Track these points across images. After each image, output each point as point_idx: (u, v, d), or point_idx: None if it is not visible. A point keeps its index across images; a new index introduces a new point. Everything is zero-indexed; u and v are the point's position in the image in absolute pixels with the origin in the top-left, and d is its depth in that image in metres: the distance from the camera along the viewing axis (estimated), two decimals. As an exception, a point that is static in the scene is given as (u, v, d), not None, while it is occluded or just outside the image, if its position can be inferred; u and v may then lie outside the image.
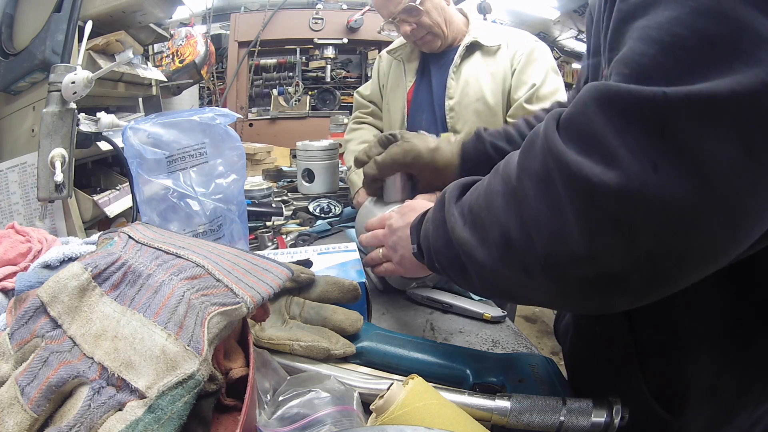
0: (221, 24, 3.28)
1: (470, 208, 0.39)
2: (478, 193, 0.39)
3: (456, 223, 0.40)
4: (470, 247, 0.37)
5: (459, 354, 0.49)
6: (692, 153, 0.24)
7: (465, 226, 0.39)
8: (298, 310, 0.51)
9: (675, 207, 0.25)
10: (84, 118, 0.77)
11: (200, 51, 2.50)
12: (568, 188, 0.28)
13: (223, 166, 0.66)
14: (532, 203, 0.31)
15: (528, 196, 0.31)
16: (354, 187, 1.08)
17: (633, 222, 0.26)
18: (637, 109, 0.25)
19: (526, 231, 0.31)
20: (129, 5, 0.99)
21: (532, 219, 0.31)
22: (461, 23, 1.11)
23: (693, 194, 0.24)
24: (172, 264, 0.34)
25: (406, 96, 1.16)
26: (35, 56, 0.79)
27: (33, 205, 0.82)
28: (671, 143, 0.24)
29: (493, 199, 0.35)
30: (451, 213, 0.41)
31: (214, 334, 0.31)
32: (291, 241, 0.96)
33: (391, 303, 0.72)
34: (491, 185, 0.37)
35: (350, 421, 0.38)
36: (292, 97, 3.25)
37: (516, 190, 0.32)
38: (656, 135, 0.25)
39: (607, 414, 0.39)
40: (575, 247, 0.28)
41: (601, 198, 0.26)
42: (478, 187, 0.40)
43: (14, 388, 0.27)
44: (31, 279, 0.46)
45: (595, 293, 0.30)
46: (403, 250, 0.56)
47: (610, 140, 0.26)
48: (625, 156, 0.25)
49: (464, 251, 0.38)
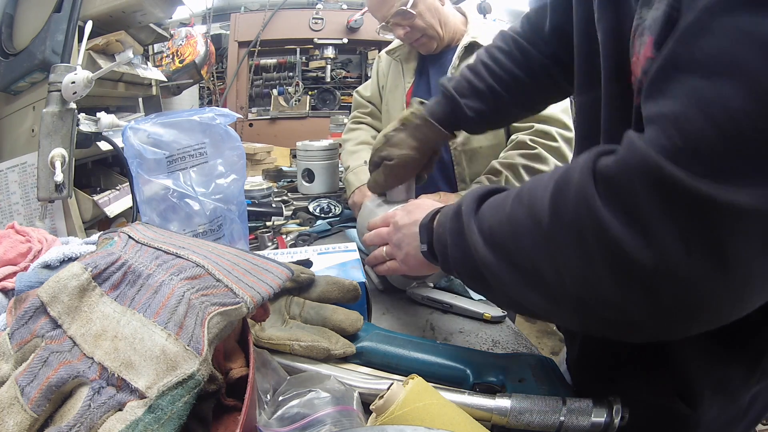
0: (221, 24, 3.28)
1: (492, 230, 0.39)
2: (500, 218, 0.39)
3: (477, 242, 0.40)
4: (496, 268, 0.38)
5: (459, 354, 0.49)
6: (723, 248, 0.26)
7: (487, 247, 0.39)
8: (298, 310, 0.51)
9: (699, 286, 0.28)
10: (84, 118, 0.77)
11: (200, 51, 2.50)
12: (604, 251, 0.30)
13: (223, 166, 0.66)
14: (564, 250, 0.33)
15: (560, 243, 0.33)
16: (350, 187, 1.07)
17: (660, 290, 0.29)
18: (685, 201, 0.27)
19: (559, 272, 0.33)
20: (129, 5, 0.98)
21: (564, 264, 0.33)
22: (459, 23, 1.10)
23: (716, 280, 0.27)
24: (172, 264, 0.34)
25: (404, 97, 1.16)
26: (35, 56, 0.79)
27: (33, 205, 0.82)
28: (708, 236, 0.27)
29: (521, 232, 0.36)
30: (471, 230, 0.41)
31: (214, 334, 0.31)
32: (291, 241, 0.96)
33: (391, 303, 0.72)
34: (515, 215, 0.37)
35: (350, 421, 0.38)
36: (292, 97, 3.25)
37: (547, 235, 0.34)
38: (696, 226, 0.27)
39: (607, 414, 0.39)
40: (606, 296, 0.31)
41: (637, 270, 0.29)
42: (498, 207, 0.40)
43: (14, 388, 0.27)
44: (31, 279, 0.46)
45: (616, 330, 0.34)
46: (409, 248, 0.55)
47: (652, 221, 0.28)
48: (665, 239, 0.27)
49: (488, 270, 0.39)
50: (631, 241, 0.28)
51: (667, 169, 0.26)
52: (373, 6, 1.06)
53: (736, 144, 0.25)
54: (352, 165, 1.09)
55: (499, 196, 0.41)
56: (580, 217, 0.31)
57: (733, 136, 0.25)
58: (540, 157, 0.92)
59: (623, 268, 0.29)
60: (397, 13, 1.01)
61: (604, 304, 0.32)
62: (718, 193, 0.25)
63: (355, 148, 1.15)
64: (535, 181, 0.37)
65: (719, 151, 0.26)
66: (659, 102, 0.28)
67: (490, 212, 0.40)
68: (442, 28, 1.05)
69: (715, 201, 0.25)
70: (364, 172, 1.04)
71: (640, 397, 0.43)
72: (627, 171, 0.29)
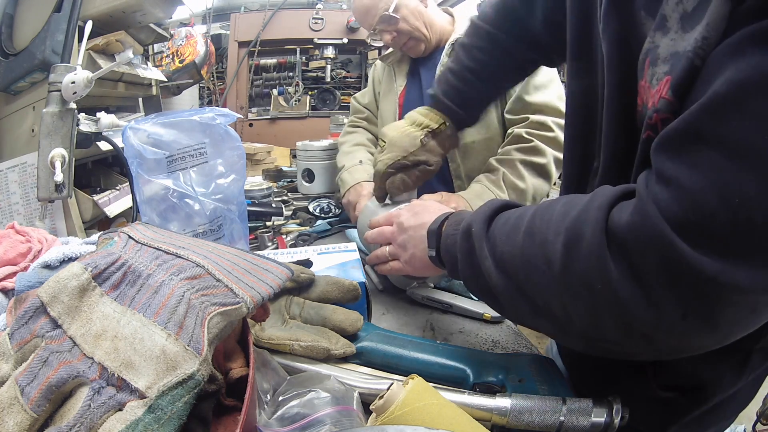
0: (221, 24, 3.28)
1: (503, 258, 0.41)
2: (512, 249, 0.40)
3: (490, 268, 0.42)
4: (508, 295, 0.41)
5: (459, 354, 0.49)
6: (716, 315, 0.30)
7: (499, 273, 0.41)
8: (298, 310, 0.51)
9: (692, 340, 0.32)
10: (84, 118, 0.77)
11: (200, 51, 2.49)
12: (611, 306, 0.33)
13: (223, 166, 0.66)
14: (573, 297, 0.35)
15: (570, 290, 0.35)
16: (345, 185, 1.07)
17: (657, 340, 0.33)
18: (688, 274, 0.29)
19: (567, 311, 0.36)
20: (129, 5, 0.98)
21: (573, 307, 0.36)
22: (446, 23, 1.10)
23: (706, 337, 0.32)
24: (172, 264, 0.34)
25: (397, 100, 1.17)
26: (35, 56, 0.79)
27: (33, 205, 0.82)
28: (704, 305, 0.29)
29: (532, 269, 0.38)
30: (484, 255, 0.43)
31: (214, 334, 0.31)
32: (291, 241, 0.96)
33: (391, 303, 0.72)
34: (528, 252, 0.38)
35: (350, 421, 0.38)
36: (292, 97, 3.25)
37: (558, 280, 0.36)
38: (695, 297, 0.29)
39: (607, 414, 0.39)
40: (610, 337, 0.35)
41: (638, 324, 0.32)
42: (510, 235, 0.41)
43: (14, 388, 0.27)
44: (31, 279, 0.46)
45: (618, 356, 0.39)
46: (415, 249, 0.56)
47: (657, 287, 0.30)
48: (667, 304, 0.30)
49: (500, 294, 0.42)
50: (636, 301, 0.31)
51: (677, 244, 0.28)
52: (359, 16, 1.08)
53: (744, 229, 0.27)
54: (347, 164, 1.09)
55: (510, 219, 0.42)
56: (590, 273, 0.33)
57: (743, 221, 0.27)
58: (537, 149, 0.92)
59: (627, 321, 0.33)
60: (382, 20, 1.02)
61: (608, 341, 0.36)
62: (720, 271, 0.27)
63: (351, 149, 1.16)
64: (544, 216, 0.38)
65: (727, 233, 0.27)
66: (678, 166, 0.29)
67: (502, 238, 0.42)
68: (428, 30, 1.05)
69: (716, 279, 0.28)
70: (358, 171, 1.05)
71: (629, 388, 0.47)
72: (639, 239, 0.31)
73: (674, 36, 0.33)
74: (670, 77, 0.32)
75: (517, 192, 0.90)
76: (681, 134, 0.30)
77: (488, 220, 0.44)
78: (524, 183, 0.90)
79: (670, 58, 0.33)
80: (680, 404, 0.48)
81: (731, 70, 0.27)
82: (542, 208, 0.40)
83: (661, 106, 0.32)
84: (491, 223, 0.44)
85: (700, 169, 0.28)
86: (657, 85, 0.33)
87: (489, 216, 0.44)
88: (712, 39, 0.29)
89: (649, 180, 0.32)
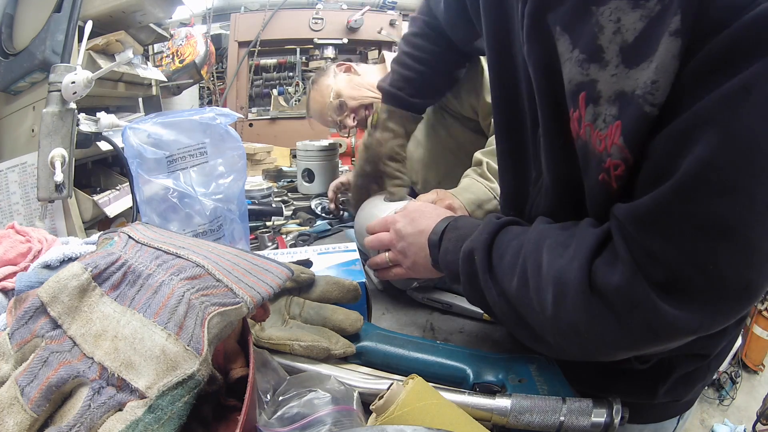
0: (221, 24, 3.28)
1: (503, 294, 0.44)
2: (510, 291, 0.43)
3: (492, 297, 0.45)
4: (509, 321, 0.45)
5: (459, 354, 0.49)
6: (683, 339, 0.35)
7: (502, 304, 0.45)
8: (298, 310, 0.51)
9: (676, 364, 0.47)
10: (84, 118, 0.77)
11: (200, 51, 2.49)
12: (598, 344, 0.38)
13: (223, 166, 0.66)
14: (565, 336, 0.39)
15: (561, 332, 0.39)
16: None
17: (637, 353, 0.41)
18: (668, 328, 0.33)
19: (560, 344, 0.41)
20: (129, 5, 0.98)
21: (563, 342, 0.40)
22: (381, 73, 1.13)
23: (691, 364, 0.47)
24: (172, 264, 0.34)
25: None
26: (35, 56, 0.79)
27: (33, 205, 0.82)
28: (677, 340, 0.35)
29: (528, 309, 0.42)
30: (488, 286, 0.45)
31: (214, 334, 0.31)
32: (291, 241, 0.96)
33: (391, 303, 0.72)
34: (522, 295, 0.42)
35: (350, 421, 0.38)
36: (292, 97, 3.25)
37: (551, 323, 0.39)
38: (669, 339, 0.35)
39: (607, 414, 0.39)
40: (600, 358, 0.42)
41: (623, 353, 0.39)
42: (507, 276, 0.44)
43: (14, 388, 0.27)
44: (31, 279, 0.46)
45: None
46: (416, 257, 0.56)
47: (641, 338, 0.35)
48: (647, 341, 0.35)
49: (502, 319, 0.47)
50: (620, 341, 0.36)
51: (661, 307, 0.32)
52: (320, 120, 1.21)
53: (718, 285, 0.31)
54: None
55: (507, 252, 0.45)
56: (577, 322, 0.37)
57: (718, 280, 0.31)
58: None
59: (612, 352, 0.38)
60: (333, 111, 1.11)
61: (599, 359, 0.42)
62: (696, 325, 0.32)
63: None
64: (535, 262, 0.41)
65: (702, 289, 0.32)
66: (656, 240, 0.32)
67: (502, 275, 0.44)
68: (373, 91, 1.09)
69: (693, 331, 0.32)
70: None
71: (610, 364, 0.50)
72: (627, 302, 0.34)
73: (615, 71, 0.31)
74: (620, 123, 0.32)
75: None
76: (655, 212, 0.32)
77: (489, 249, 0.46)
78: None
79: (616, 100, 0.32)
80: (664, 365, 0.50)
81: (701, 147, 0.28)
82: (531, 249, 0.42)
83: (614, 151, 0.33)
84: (491, 252, 0.46)
85: (677, 241, 0.31)
86: (606, 129, 0.33)
87: (488, 243, 0.46)
88: (661, 83, 0.29)
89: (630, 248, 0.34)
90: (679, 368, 0.50)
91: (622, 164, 0.33)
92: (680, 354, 0.49)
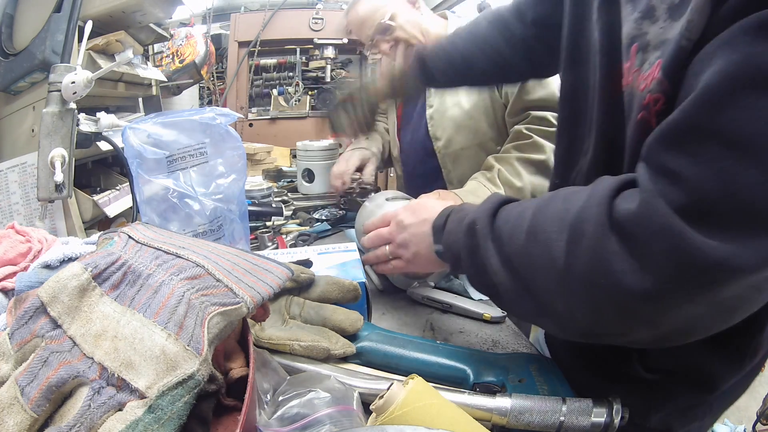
0: (221, 24, 3.27)
1: (509, 256, 0.41)
2: (516, 248, 0.41)
3: (495, 265, 0.42)
4: (512, 292, 0.42)
5: (459, 354, 0.49)
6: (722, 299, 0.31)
7: (504, 270, 0.42)
8: (298, 310, 0.51)
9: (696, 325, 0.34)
10: (84, 118, 0.77)
11: (200, 51, 2.49)
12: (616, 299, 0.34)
13: (223, 166, 0.66)
14: (577, 295, 0.36)
15: (574, 288, 0.36)
16: None
17: (662, 324, 0.34)
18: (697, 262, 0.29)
19: (570, 309, 0.37)
20: (129, 5, 0.98)
21: (576, 305, 0.37)
22: (441, 28, 1.10)
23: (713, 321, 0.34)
24: (172, 264, 0.34)
25: (396, 111, 1.18)
26: (35, 56, 0.79)
27: (33, 205, 0.82)
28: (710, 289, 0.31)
29: (536, 268, 0.39)
30: (489, 252, 0.43)
31: (214, 334, 0.31)
32: (291, 241, 0.96)
33: (391, 303, 0.72)
34: (531, 251, 0.39)
35: (350, 421, 0.38)
36: (292, 97, 3.25)
37: (562, 279, 0.37)
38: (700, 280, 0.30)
39: (607, 414, 0.39)
40: (613, 330, 0.37)
41: (643, 313, 0.34)
42: (513, 232, 0.41)
43: (14, 388, 0.27)
44: (31, 279, 0.46)
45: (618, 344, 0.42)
46: (418, 247, 0.55)
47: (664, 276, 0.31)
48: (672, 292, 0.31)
49: (504, 291, 0.42)
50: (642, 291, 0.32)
51: (686, 232, 0.29)
52: (355, 28, 1.10)
53: (747, 214, 0.28)
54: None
55: (511, 216, 0.43)
56: (593, 269, 0.34)
57: (745, 206, 0.28)
58: (535, 145, 0.92)
59: (632, 311, 0.34)
60: (378, 29, 1.04)
61: (611, 334, 0.38)
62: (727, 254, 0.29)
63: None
64: (546, 213, 0.39)
65: (731, 218, 0.29)
66: (680, 159, 0.30)
67: (507, 236, 0.42)
68: (424, 38, 1.06)
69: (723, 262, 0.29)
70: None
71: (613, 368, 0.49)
72: (648, 230, 0.31)
73: (663, 25, 0.36)
74: (661, 60, 0.34)
75: (514, 190, 0.90)
76: (680, 127, 0.31)
77: (492, 217, 0.44)
78: (521, 181, 0.90)
79: (660, 45, 0.35)
80: (665, 388, 0.48)
81: (722, 61, 0.28)
82: (543, 204, 0.40)
83: (654, 86, 0.35)
84: (495, 219, 0.44)
85: (701, 159, 0.29)
86: (649, 69, 0.36)
87: (492, 212, 0.44)
88: (695, 21, 0.31)
89: (651, 173, 0.32)
90: (678, 397, 0.48)
91: (662, 97, 0.34)
92: (681, 374, 0.47)
